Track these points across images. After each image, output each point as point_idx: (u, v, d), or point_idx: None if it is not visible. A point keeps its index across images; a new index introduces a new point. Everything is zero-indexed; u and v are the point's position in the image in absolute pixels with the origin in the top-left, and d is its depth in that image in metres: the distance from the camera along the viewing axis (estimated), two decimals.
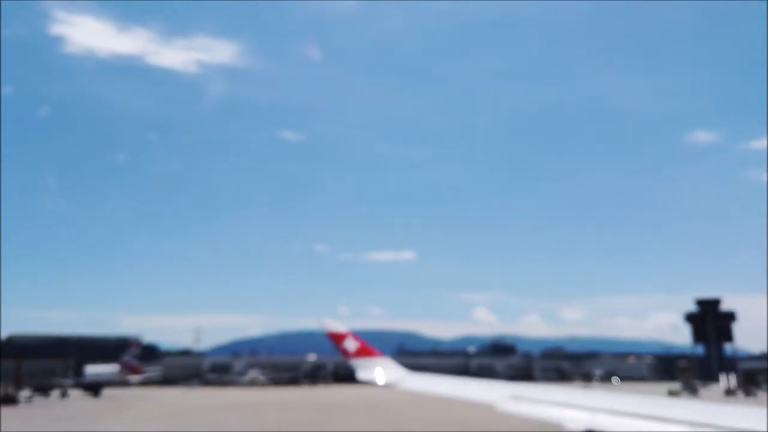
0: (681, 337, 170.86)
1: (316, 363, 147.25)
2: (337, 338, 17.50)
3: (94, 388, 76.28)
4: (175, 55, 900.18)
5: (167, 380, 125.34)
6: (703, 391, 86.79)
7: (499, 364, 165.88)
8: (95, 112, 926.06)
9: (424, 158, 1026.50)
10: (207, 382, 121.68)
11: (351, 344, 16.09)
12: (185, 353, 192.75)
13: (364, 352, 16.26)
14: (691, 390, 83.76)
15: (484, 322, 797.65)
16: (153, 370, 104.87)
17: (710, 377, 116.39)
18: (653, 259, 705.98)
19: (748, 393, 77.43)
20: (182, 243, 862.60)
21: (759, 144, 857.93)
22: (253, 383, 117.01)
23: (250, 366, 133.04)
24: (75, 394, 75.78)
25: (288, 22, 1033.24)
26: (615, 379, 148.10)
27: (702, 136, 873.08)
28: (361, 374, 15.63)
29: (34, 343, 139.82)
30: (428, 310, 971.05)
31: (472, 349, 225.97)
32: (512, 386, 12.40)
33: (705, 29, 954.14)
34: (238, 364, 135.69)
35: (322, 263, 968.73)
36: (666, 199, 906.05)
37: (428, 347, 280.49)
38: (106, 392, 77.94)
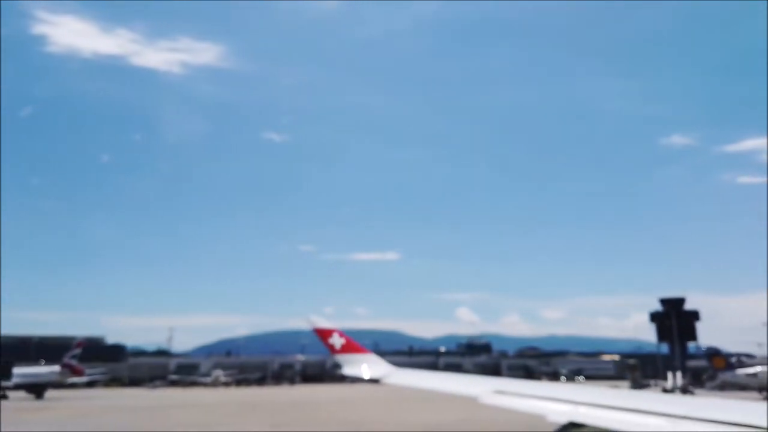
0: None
1: (283, 363, 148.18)
2: (323, 335, 17.74)
3: (37, 389, 76.25)
4: (159, 56, 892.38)
5: (133, 381, 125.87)
6: (653, 389, 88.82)
7: (467, 362, 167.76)
8: (79, 112, 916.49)
9: (408, 159, 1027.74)
10: (173, 383, 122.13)
11: (337, 340, 17.37)
12: (163, 353, 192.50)
13: (350, 348, 17.53)
14: (639, 388, 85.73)
15: (466, 321, 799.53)
16: (96, 372, 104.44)
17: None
18: (633, 260, 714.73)
19: (684, 391, 79.49)
20: (168, 244, 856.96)
21: (733, 147, 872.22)
22: (216, 383, 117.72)
23: (217, 366, 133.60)
24: (18, 395, 75.07)
25: (271, 24, 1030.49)
26: (580, 378, 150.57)
27: (678, 140, 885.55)
28: (347, 369, 16.94)
29: None
30: (412, 309, 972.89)
31: (443, 348, 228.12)
32: (496, 381, 12.93)
33: (682, 35, 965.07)
34: (205, 365, 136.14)
35: (307, 264, 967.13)
36: (644, 200, 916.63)
37: (414, 346, 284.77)
38: (52, 393, 77.99)
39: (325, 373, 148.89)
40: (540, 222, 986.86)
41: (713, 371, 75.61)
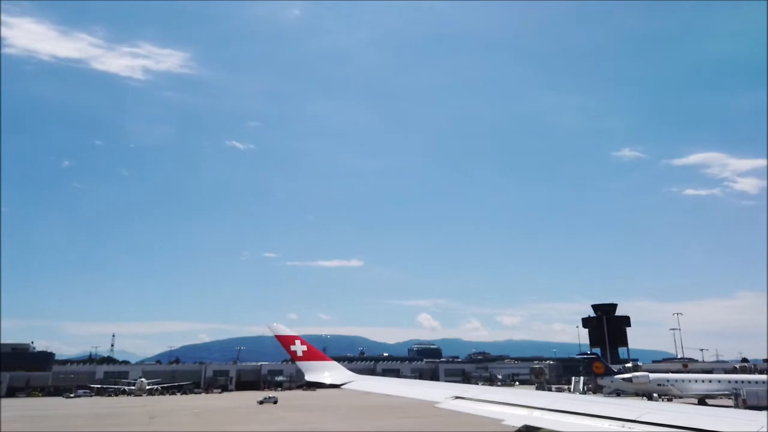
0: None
1: (217, 370, 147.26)
2: (285, 341, 18.08)
3: None
4: (120, 61, 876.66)
5: (58, 390, 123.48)
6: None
7: (405, 367, 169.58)
8: (37, 116, 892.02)
9: (371, 168, 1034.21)
10: (99, 391, 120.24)
11: (299, 347, 17.68)
12: (110, 360, 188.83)
13: (312, 355, 17.90)
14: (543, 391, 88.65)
15: (427, 327, 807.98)
16: None
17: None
18: (586, 268, 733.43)
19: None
20: (129, 250, 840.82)
21: (680, 161, 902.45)
22: (140, 391, 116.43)
23: (147, 374, 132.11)
24: None
25: (234, 32, 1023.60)
26: (516, 382, 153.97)
27: (628, 153, 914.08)
28: (310, 376, 17.28)
29: None
30: (375, 315, 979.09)
31: (383, 355, 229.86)
32: (456, 386, 13.48)
33: (633, 53, 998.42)
34: (135, 372, 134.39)
35: (271, 271, 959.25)
36: (596, 211, 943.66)
37: (375, 352, 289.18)
38: None
39: (260, 379, 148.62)
40: (498, 231, 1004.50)
41: (594, 376, 78.79)
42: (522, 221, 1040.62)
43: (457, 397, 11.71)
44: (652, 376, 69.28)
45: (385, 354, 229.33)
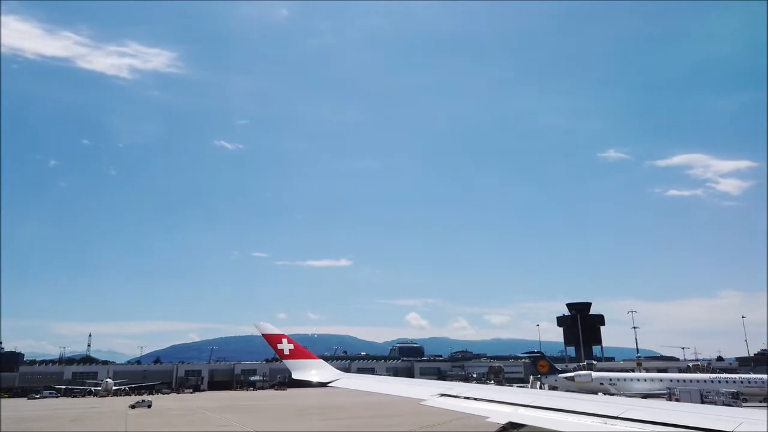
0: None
1: (189, 370, 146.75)
2: (272, 340, 18.19)
3: None
4: (107, 60, 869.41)
5: (25, 390, 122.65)
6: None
7: (380, 366, 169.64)
8: (25, 114, 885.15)
9: (360, 169, 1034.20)
10: (65, 392, 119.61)
11: (286, 346, 17.73)
12: (88, 360, 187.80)
13: (299, 354, 17.95)
14: None
15: (416, 326, 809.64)
16: None
17: None
18: (571, 267, 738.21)
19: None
20: (118, 250, 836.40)
21: (664, 162, 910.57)
22: (106, 392, 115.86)
23: (117, 375, 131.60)
24: None
25: (223, 31, 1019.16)
26: (491, 381, 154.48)
27: (613, 154, 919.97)
28: (297, 375, 17.34)
29: None
30: (364, 315, 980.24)
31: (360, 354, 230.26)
32: (442, 384, 13.67)
33: (618, 55, 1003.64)
34: (104, 373, 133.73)
35: (261, 270, 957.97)
36: (582, 211, 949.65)
37: (364, 351, 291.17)
38: None
39: (233, 379, 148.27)
40: (486, 231, 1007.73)
41: (538, 374, 79.13)
42: (510, 221, 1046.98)
43: (443, 395, 11.80)
44: (594, 374, 69.69)
45: (363, 353, 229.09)
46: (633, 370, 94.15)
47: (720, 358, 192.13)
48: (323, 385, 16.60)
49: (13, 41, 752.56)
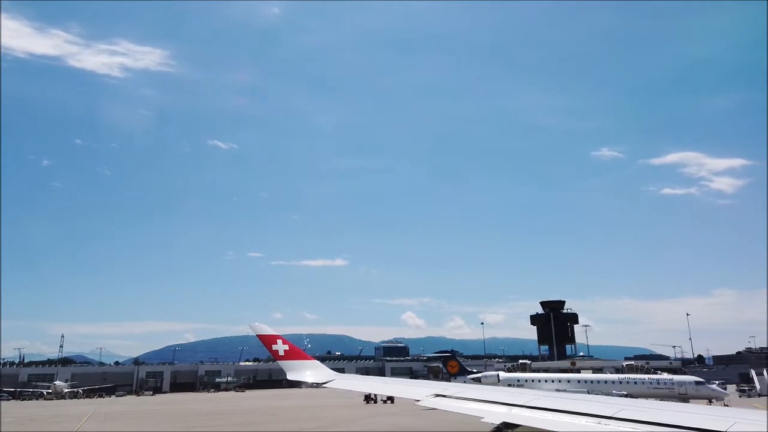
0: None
1: (150, 371, 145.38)
2: (267, 341, 18.11)
3: None
4: (98, 59, 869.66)
5: None
6: None
7: (349, 366, 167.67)
8: (16, 113, 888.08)
9: (355, 168, 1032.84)
10: (18, 395, 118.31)
11: (281, 347, 17.68)
12: (66, 362, 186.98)
13: (293, 354, 17.92)
14: None
15: (412, 325, 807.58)
16: None
17: None
18: (566, 266, 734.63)
19: None
20: (113, 250, 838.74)
21: (658, 161, 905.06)
22: (56, 395, 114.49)
23: (75, 376, 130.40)
24: None
25: (215, 29, 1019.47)
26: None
27: (607, 153, 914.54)
28: (291, 375, 17.31)
29: None
30: (361, 314, 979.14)
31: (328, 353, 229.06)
32: (436, 384, 13.65)
33: (612, 53, 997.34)
34: (63, 374, 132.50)
35: (256, 270, 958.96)
36: (576, 210, 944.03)
37: (359, 350, 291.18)
38: None
39: (197, 380, 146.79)
40: (481, 230, 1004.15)
41: (448, 375, 77.69)
42: (504, 220, 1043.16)
43: (437, 395, 12.00)
44: (502, 375, 67.37)
45: (338, 353, 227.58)
46: (568, 371, 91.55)
47: (701, 357, 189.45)
48: (318, 385, 16.53)
49: (3, 40, 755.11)
